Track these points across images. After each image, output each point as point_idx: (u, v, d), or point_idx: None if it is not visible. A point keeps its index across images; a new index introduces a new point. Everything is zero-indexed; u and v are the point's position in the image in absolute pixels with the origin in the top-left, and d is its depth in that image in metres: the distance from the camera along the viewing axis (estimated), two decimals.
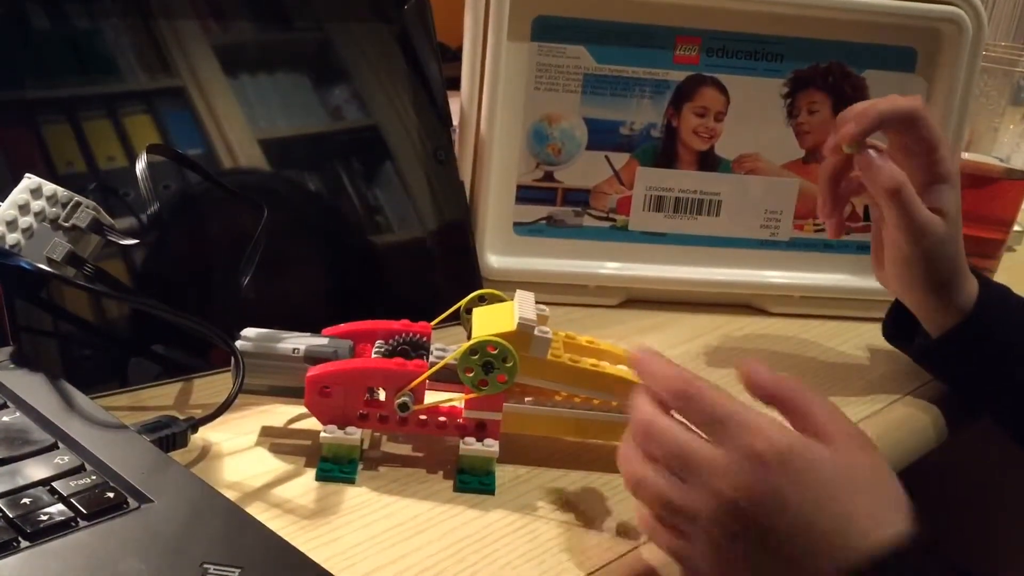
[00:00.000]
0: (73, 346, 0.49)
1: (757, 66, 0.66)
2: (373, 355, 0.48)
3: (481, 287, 0.58)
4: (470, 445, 0.45)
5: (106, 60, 0.53)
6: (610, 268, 0.68)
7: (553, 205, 0.67)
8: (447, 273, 0.63)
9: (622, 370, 0.47)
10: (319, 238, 0.59)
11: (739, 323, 0.69)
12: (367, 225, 0.60)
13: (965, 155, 0.80)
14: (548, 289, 0.64)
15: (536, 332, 0.45)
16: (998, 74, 0.85)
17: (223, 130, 0.57)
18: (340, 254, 0.59)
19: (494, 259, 0.66)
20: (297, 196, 0.58)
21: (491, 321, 0.46)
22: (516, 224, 0.67)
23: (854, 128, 0.54)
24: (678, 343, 0.64)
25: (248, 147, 0.57)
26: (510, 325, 0.45)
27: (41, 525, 0.34)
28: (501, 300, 0.50)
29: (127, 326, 0.51)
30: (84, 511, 0.35)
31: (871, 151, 0.54)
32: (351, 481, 0.44)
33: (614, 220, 0.68)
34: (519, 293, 0.48)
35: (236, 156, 0.56)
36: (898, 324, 0.62)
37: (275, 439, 0.48)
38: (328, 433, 0.45)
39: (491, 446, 0.45)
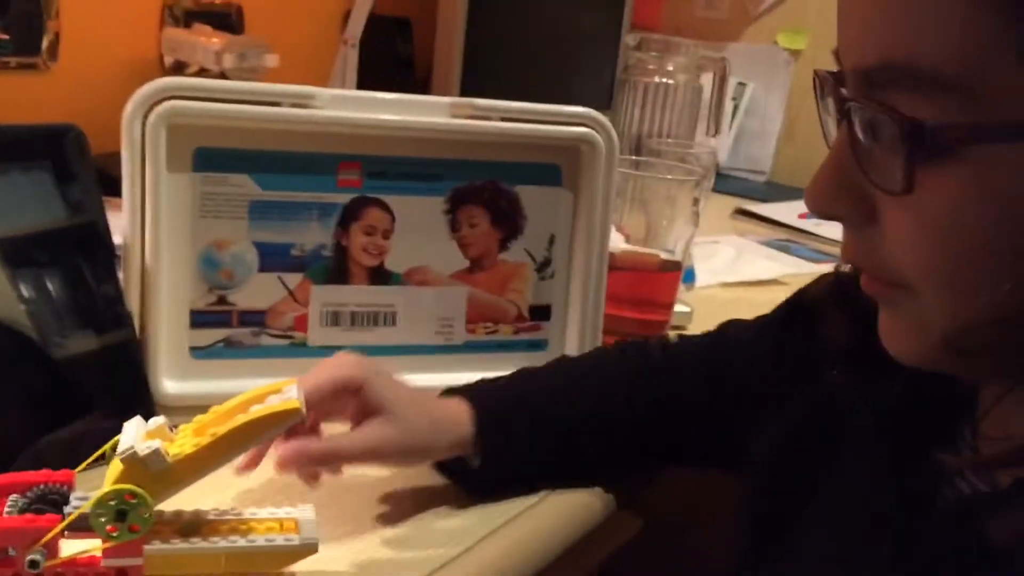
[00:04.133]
0: None
1: (418, 186, 0.72)
2: (6, 512, 0.47)
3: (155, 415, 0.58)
4: None
5: None
6: None
7: (230, 327, 0.69)
8: (114, 405, 0.62)
9: (247, 417, 0.48)
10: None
11: None
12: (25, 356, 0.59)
13: (623, 247, 0.89)
14: None
15: (140, 451, 0.45)
16: (666, 171, 0.96)
17: None
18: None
19: (170, 384, 0.66)
20: None
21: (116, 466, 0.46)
22: (193, 348, 0.68)
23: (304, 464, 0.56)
24: None
25: None
26: (119, 467, 0.45)
27: None
28: None
29: None
30: None
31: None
32: None
33: (292, 337, 0.70)
34: (125, 427, 0.48)
35: None
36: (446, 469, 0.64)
37: None
38: None
39: None
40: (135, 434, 0.46)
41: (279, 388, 0.51)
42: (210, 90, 0.65)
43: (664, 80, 1.30)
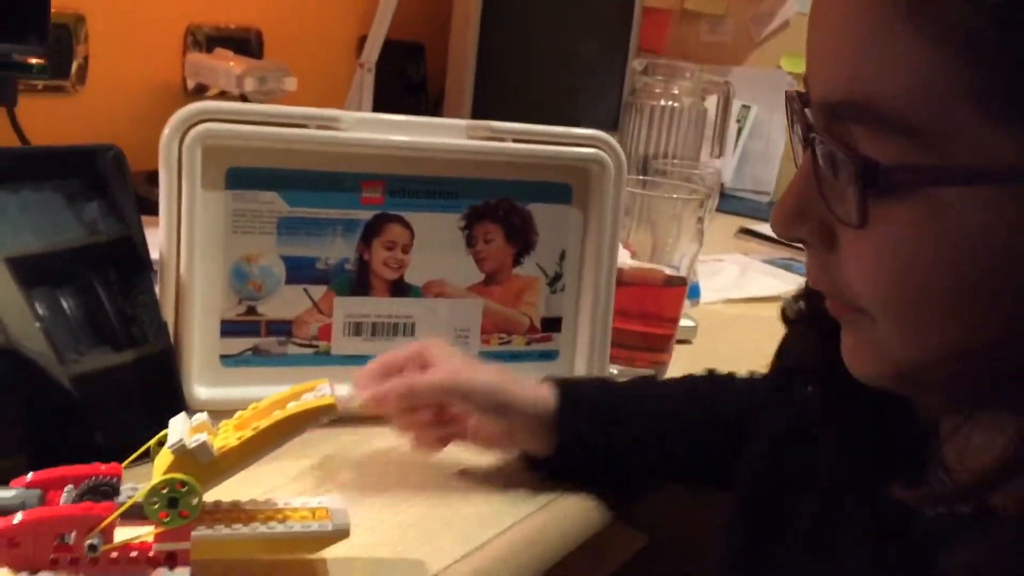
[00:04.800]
0: None
1: (436, 204, 0.76)
2: (63, 501, 0.51)
3: None
4: (161, 575, 0.49)
5: None
6: None
7: (258, 336, 0.73)
8: (151, 410, 0.66)
9: (285, 412, 0.52)
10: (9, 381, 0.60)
11: None
12: (63, 367, 0.62)
13: (630, 264, 0.93)
14: None
15: (189, 446, 0.49)
16: (671, 190, 0.99)
17: None
18: (35, 397, 0.61)
19: (202, 390, 0.70)
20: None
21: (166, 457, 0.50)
22: (223, 356, 0.72)
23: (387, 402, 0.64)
24: (382, 453, 0.70)
25: None
26: (169, 458, 0.49)
27: None
28: None
29: None
30: None
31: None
32: None
33: (317, 346, 0.74)
34: (171, 422, 0.52)
35: None
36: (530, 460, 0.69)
37: None
38: None
39: (181, 574, 0.49)
40: (182, 428, 0.50)
41: (313, 387, 0.54)
42: (242, 113, 0.69)
43: (670, 103, 1.34)
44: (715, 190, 1.10)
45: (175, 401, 0.68)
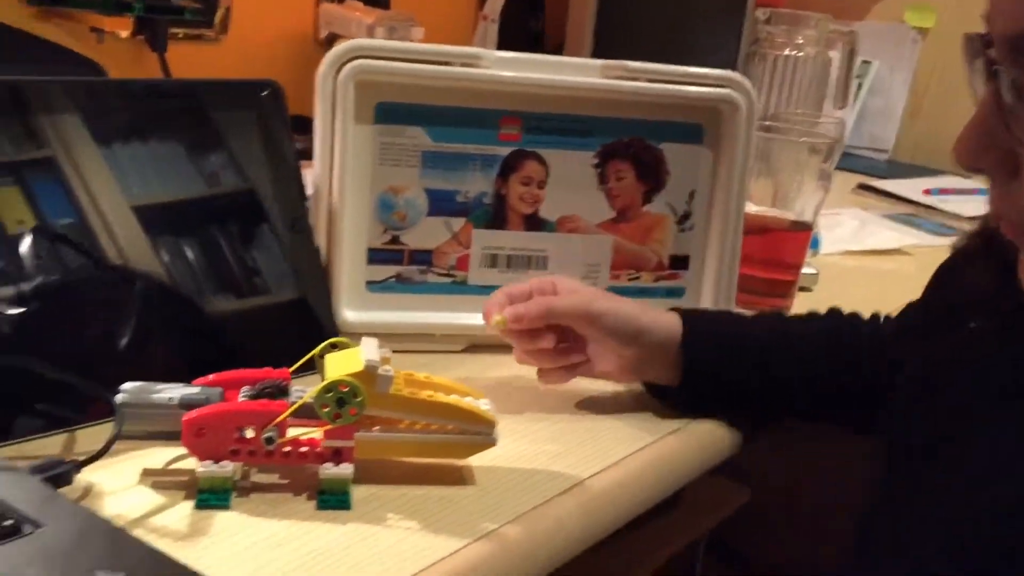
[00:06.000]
0: None
1: (570, 141, 0.78)
2: (240, 399, 0.55)
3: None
4: (328, 469, 0.53)
5: None
6: (453, 318, 0.77)
7: (401, 265, 0.77)
8: (306, 328, 0.71)
9: (452, 399, 0.56)
10: (188, 300, 0.66)
11: None
12: (232, 288, 0.67)
13: (755, 209, 0.93)
14: (400, 339, 0.73)
15: (380, 371, 0.54)
16: (794, 139, 0.99)
17: (95, 199, 0.62)
18: (208, 315, 0.66)
19: (350, 313, 0.74)
20: (166, 261, 0.65)
21: (342, 364, 0.54)
22: (369, 282, 0.76)
23: (524, 321, 0.66)
24: (515, 378, 0.73)
25: (122, 214, 0.62)
26: (358, 366, 0.53)
27: None
28: (349, 347, 0.58)
29: (13, 383, 0.57)
30: None
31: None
32: (226, 507, 0.52)
33: (454, 276, 0.78)
34: (364, 339, 0.56)
35: (109, 224, 0.62)
36: (654, 390, 0.71)
37: (156, 478, 0.54)
38: (204, 468, 0.52)
39: (346, 469, 0.54)
40: (378, 353, 0.54)
41: (476, 395, 0.59)
42: (392, 50, 0.73)
43: (793, 53, 1.32)
44: (841, 139, 1.09)
45: (327, 323, 0.72)
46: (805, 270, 1.01)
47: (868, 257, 1.22)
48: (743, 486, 1.31)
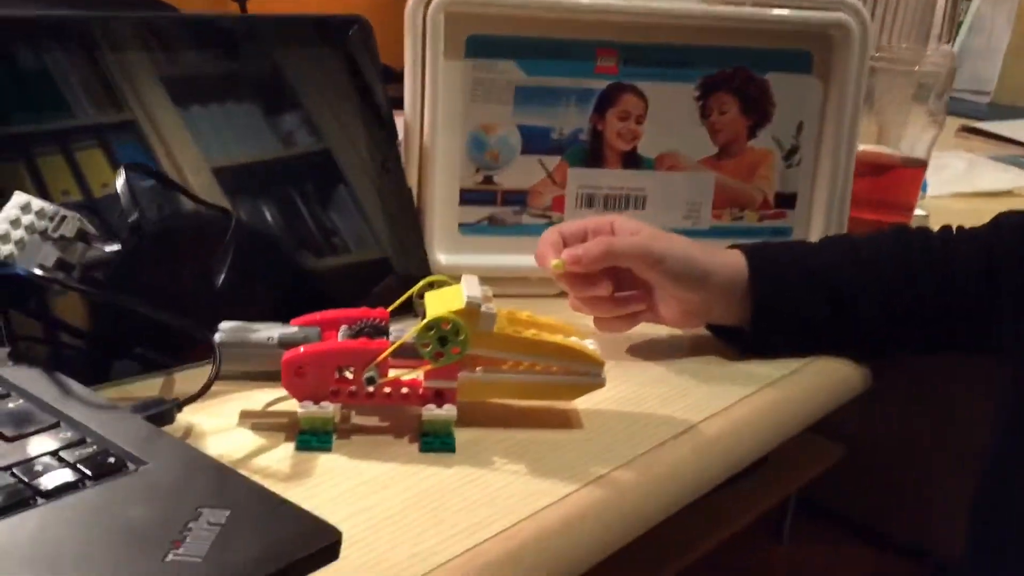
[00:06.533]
0: (63, 345, 0.54)
1: (670, 73, 0.74)
2: (339, 339, 0.53)
3: None
4: (431, 411, 0.51)
5: (55, 96, 0.57)
6: None
7: (494, 206, 0.74)
8: (400, 270, 0.68)
9: (558, 338, 0.54)
10: (284, 243, 0.64)
11: None
12: (329, 228, 0.66)
13: (864, 147, 0.88)
14: (492, 282, 0.68)
15: (483, 308, 0.51)
16: (901, 74, 0.93)
17: (176, 160, 0.61)
18: (304, 256, 0.64)
19: (442, 256, 0.72)
20: (259, 212, 0.64)
21: (442, 302, 0.52)
22: (461, 224, 0.73)
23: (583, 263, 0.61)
24: None
25: (202, 176, 0.61)
26: (460, 303, 0.51)
27: (54, 486, 0.39)
28: (448, 285, 0.56)
29: (112, 326, 0.56)
30: (89, 473, 0.40)
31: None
32: (327, 449, 0.50)
33: (549, 217, 0.75)
34: (465, 277, 0.54)
35: (190, 185, 0.61)
36: (720, 332, 0.67)
37: (255, 419, 0.53)
38: (304, 408, 0.50)
39: (450, 411, 0.51)
40: (479, 291, 0.52)
41: (580, 335, 0.56)
42: None
43: None
44: (951, 72, 1.02)
45: (420, 266, 0.70)
46: (917, 211, 0.95)
47: (979, 199, 1.15)
48: (837, 443, 1.27)
